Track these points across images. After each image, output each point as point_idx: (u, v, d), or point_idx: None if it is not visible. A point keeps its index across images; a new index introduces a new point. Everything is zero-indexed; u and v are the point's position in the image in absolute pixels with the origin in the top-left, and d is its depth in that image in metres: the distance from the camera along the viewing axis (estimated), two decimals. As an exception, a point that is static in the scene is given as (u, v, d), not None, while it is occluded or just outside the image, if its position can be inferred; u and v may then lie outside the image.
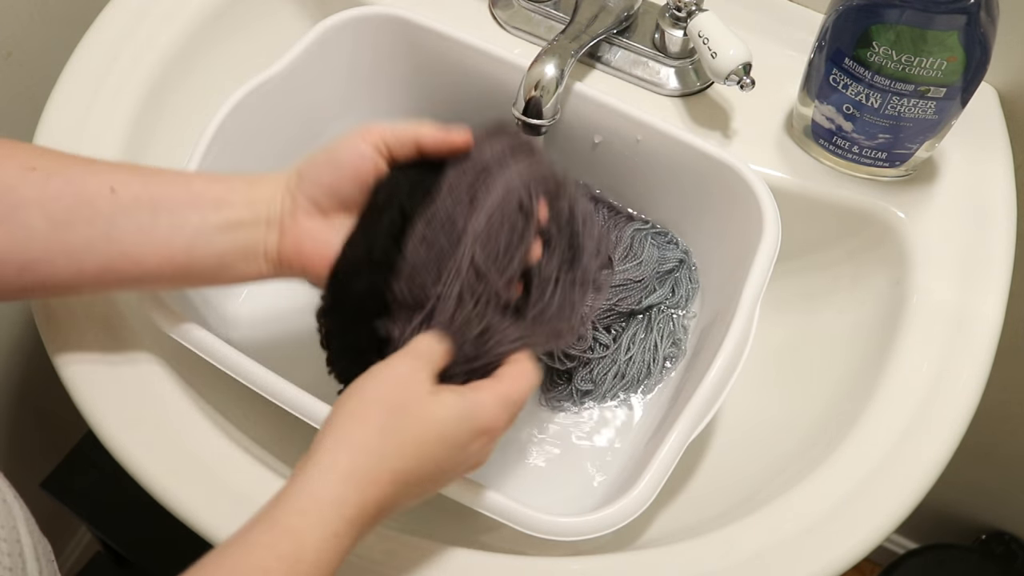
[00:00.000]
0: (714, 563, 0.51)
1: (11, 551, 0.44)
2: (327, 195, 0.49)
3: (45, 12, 0.75)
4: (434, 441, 0.43)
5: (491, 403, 0.45)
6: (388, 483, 0.42)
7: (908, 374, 0.58)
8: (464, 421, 0.44)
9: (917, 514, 0.54)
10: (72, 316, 0.57)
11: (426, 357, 0.45)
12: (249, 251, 0.49)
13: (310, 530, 0.39)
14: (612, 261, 0.59)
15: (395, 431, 0.42)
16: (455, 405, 0.44)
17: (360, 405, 0.43)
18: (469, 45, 0.66)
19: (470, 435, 0.44)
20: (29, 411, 0.95)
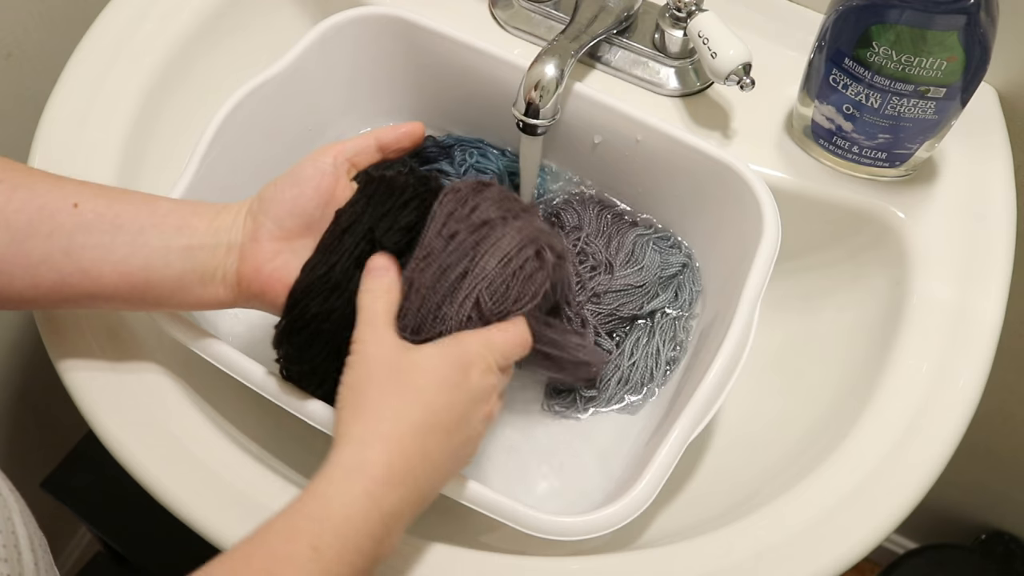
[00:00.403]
0: (714, 563, 0.51)
1: (6, 542, 0.44)
2: (289, 214, 0.49)
3: (45, 12, 0.75)
4: (430, 387, 0.44)
5: (473, 341, 0.46)
6: (408, 436, 0.43)
7: (908, 374, 0.58)
8: (449, 361, 0.45)
9: (917, 514, 0.54)
10: (73, 316, 0.57)
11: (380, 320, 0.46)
12: (207, 274, 0.49)
13: (337, 491, 0.41)
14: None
15: (392, 393, 0.44)
16: (434, 351, 0.46)
17: (352, 393, 0.45)
18: (469, 45, 0.66)
19: (459, 371, 0.45)
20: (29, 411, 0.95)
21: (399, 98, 0.73)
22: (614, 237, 0.66)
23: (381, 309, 0.46)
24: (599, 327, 0.63)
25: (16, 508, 0.46)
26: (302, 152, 0.70)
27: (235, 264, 0.49)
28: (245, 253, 0.49)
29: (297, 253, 0.49)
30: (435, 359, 0.45)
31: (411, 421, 0.43)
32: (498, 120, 0.67)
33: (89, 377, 0.55)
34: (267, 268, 0.48)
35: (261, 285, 0.49)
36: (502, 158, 0.70)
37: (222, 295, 0.50)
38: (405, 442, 0.43)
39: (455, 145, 0.71)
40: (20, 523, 0.46)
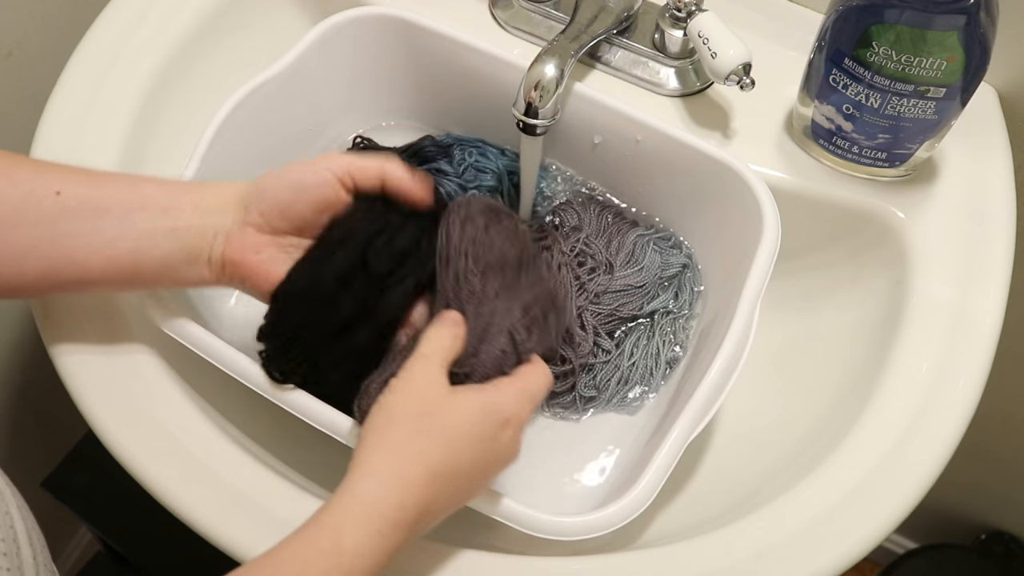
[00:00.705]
0: (714, 563, 0.51)
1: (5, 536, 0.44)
2: (282, 215, 0.50)
3: (45, 12, 0.75)
4: (463, 436, 0.44)
5: (512, 395, 0.47)
6: (426, 482, 0.43)
7: (908, 374, 0.58)
8: (488, 415, 0.45)
9: (917, 514, 0.54)
10: (72, 316, 0.57)
11: (435, 359, 0.46)
12: (193, 256, 0.50)
13: (350, 526, 0.41)
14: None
15: (424, 432, 0.44)
16: (477, 400, 0.46)
17: (386, 417, 0.45)
18: (469, 45, 0.66)
19: (495, 427, 0.45)
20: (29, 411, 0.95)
21: (399, 98, 0.73)
22: (614, 237, 0.66)
23: (439, 348, 0.47)
24: (599, 327, 0.63)
25: (14, 503, 0.46)
26: (302, 152, 0.71)
27: (221, 249, 0.50)
28: (232, 241, 0.50)
29: (284, 249, 0.50)
30: (473, 407, 0.45)
31: (434, 467, 0.43)
32: (498, 120, 0.67)
33: (89, 377, 0.55)
34: (253, 259, 0.49)
35: (244, 274, 0.50)
36: (502, 158, 0.70)
37: (206, 276, 0.50)
38: (424, 488, 0.43)
39: (454, 144, 0.71)
40: (18, 518, 0.46)
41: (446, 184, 0.68)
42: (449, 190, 0.68)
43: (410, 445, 0.43)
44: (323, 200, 0.50)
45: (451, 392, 0.45)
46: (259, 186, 0.50)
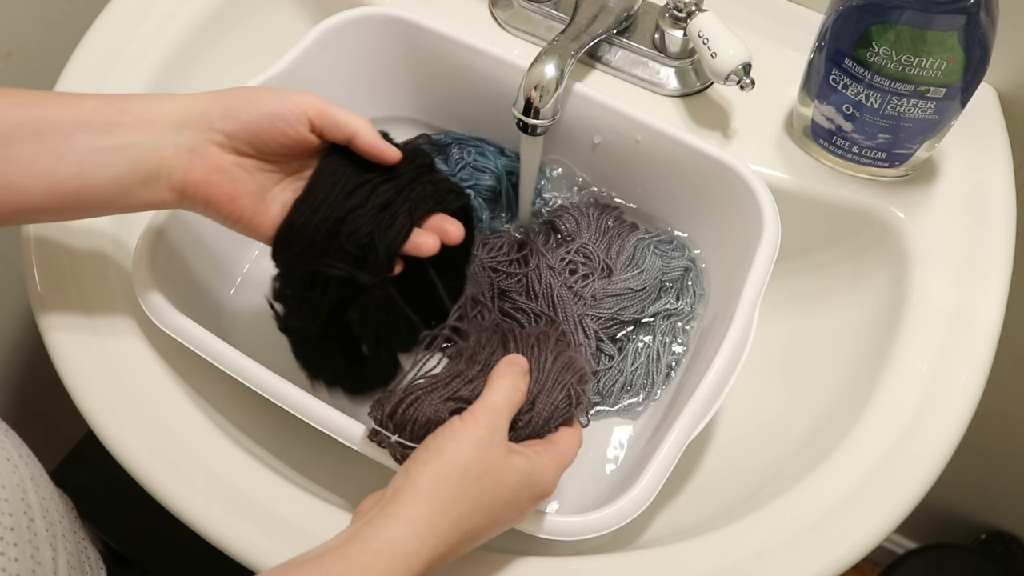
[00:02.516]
0: (714, 563, 0.51)
1: (13, 510, 0.44)
2: (248, 141, 0.49)
3: (45, 12, 0.75)
4: (502, 505, 0.45)
5: (551, 469, 0.47)
6: (456, 541, 0.43)
7: (908, 374, 0.58)
8: (527, 488, 0.46)
9: (917, 514, 0.54)
10: (73, 316, 0.57)
11: (504, 414, 0.46)
12: (150, 176, 0.47)
13: (380, 571, 0.40)
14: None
15: (472, 497, 0.44)
16: (524, 470, 0.46)
17: (442, 467, 0.44)
18: (469, 45, 0.66)
19: (531, 500, 0.46)
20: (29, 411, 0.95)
21: (399, 98, 0.73)
22: (614, 241, 0.66)
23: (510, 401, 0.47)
24: (600, 332, 0.63)
25: (28, 475, 0.46)
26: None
27: (182, 169, 0.48)
28: (194, 160, 0.48)
29: (246, 170, 0.49)
30: (520, 477, 0.45)
31: (470, 531, 0.44)
32: (498, 120, 0.67)
33: (89, 377, 0.55)
34: (215, 179, 0.48)
35: (206, 194, 0.48)
36: (501, 157, 0.70)
37: (166, 197, 0.49)
38: (453, 546, 0.43)
39: (452, 143, 0.70)
40: (32, 489, 0.46)
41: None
42: None
43: (456, 508, 0.43)
44: (292, 136, 0.49)
45: (507, 455, 0.45)
46: (227, 107, 0.48)
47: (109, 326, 0.57)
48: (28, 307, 0.58)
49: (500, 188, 0.69)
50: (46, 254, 0.59)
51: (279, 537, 0.51)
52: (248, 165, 0.49)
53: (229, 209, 0.49)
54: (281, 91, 0.49)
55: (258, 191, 0.50)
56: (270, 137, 0.49)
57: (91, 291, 0.58)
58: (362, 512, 0.45)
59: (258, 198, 0.50)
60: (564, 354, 0.51)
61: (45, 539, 0.46)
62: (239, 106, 0.48)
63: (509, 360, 0.49)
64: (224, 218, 0.50)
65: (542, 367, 0.50)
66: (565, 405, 0.49)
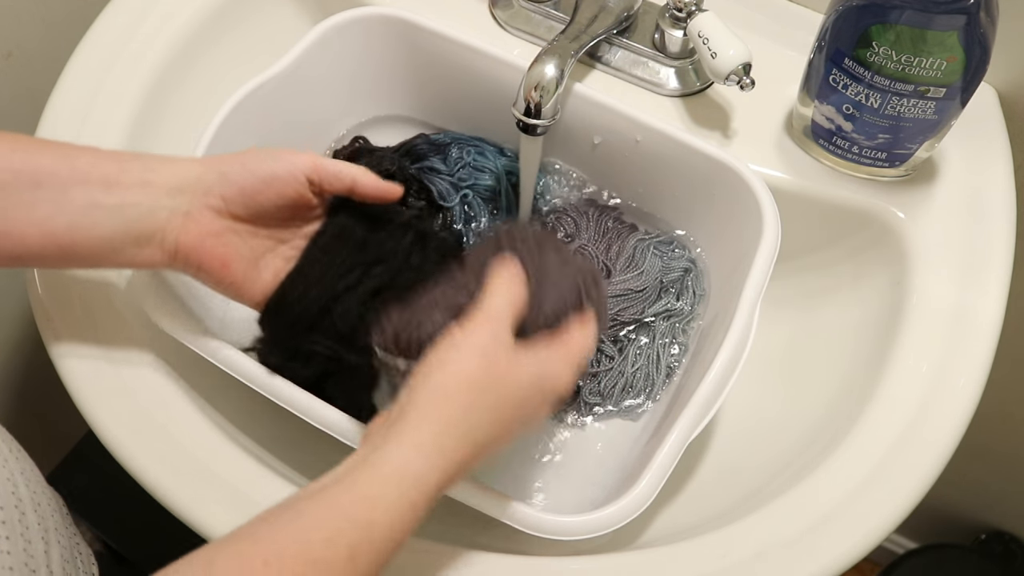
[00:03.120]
0: (714, 563, 0.51)
1: (5, 504, 0.44)
2: (244, 204, 0.49)
3: (45, 12, 0.75)
4: (512, 412, 0.44)
5: (561, 366, 0.46)
6: (466, 457, 0.42)
7: (908, 374, 0.58)
8: (539, 390, 0.45)
9: (917, 514, 0.54)
10: (72, 317, 0.57)
11: (504, 316, 0.45)
12: (143, 237, 0.48)
13: (388, 500, 0.40)
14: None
15: (477, 407, 0.43)
16: (533, 370, 0.44)
17: (444, 381, 0.43)
18: (469, 45, 0.66)
19: (544, 403, 0.45)
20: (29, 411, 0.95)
21: (399, 98, 0.73)
22: (614, 242, 0.66)
23: (508, 306, 0.45)
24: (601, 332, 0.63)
25: (18, 469, 0.46)
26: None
27: (176, 232, 0.48)
28: (189, 225, 0.48)
29: (239, 235, 0.49)
30: (529, 378, 0.44)
31: (477, 439, 0.43)
32: (498, 120, 0.67)
33: (89, 377, 0.55)
34: (208, 244, 0.48)
35: (199, 259, 0.49)
36: (500, 157, 0.70)
37: (158, 258, 0.49)
38: (465, 460, 0.42)
39: (452, 143, 0.70)
40: (23, 484, 0.46)
41: (438, 183, 0.68)
42: (441, 189, 0.68)
43: (463, 422, 0.42)
44: (289, 196, 0.49)
45: (513, 358, 0.44)
46: (223, 171, 0.49)
47: (110, 326, 0.57)
48: (28, 308, 0.58)
49: (500, 188, 0.69)
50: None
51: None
52: (242, 230, 0.50)
53: (221, 274, 0.49)
54: (277, 152, 0.50)
55: (250, 257, 0.50)
56: (266, 199, 0.49)
57: (91, 292, 0.58)
58: (371, 435, 0.44)
59: (250, 264, 0.50)
60: (565, 250, 0.50)
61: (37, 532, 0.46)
62: (235, 170, 0.49)
63: (504, 260, 0.47)
64: (216, 283, 0.50)
65: (544, 263, 0.48)
66: (574, 297, 0.47)
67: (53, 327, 0.56)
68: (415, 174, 0.67)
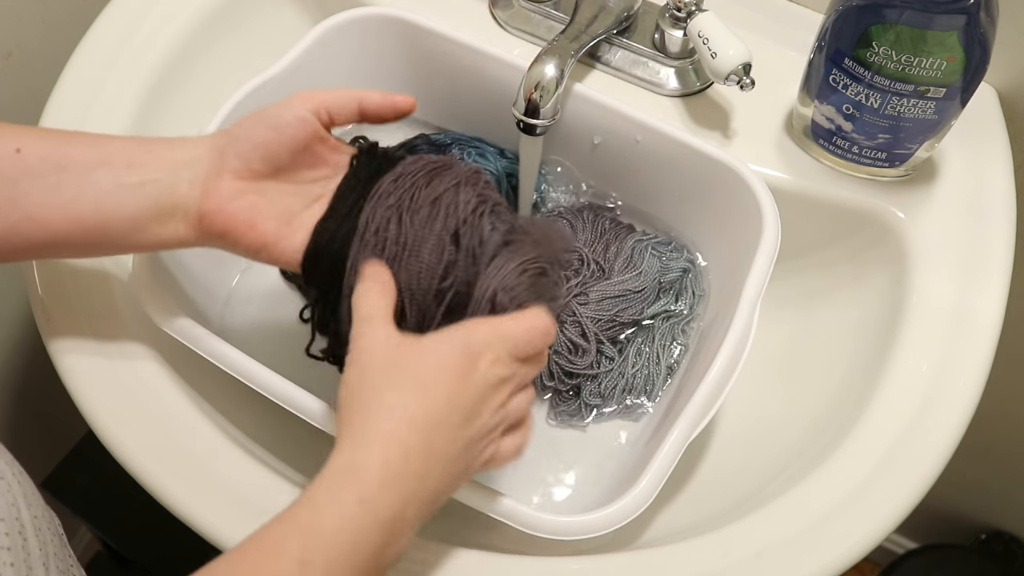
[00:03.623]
0: (714, 563, 0.51)
1: (9, 529, 0.44)
2: (260, 157, 0.47)
3: (45, 12, 0.75)
4: (435, 376, 0.42)
5: (481, 330, 0.44)
6: (409, 432, 0.41)
7: (908, 373, 0.58)
8: (457, 347, 0.43)
9: (917, 514, 0.54)
10: (72, 316, 0.57)
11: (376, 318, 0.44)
12: (164, 211, 0.47)
13: (328, 498, 0.39)
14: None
15: (391, 386, 0.42)
16: (441, 337, 0.43)
17: (349, 389, 0.43)
18: (469, 45, 0.66)
19: (468, 359, 0.42)
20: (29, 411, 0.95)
21: (399, 98, 0.73)
22: (612, 243, 0.66)
23: (375, 306, 0.44)
24: (600, 334, 0.63)
25: (21, 492, 0.46)
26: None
27: (197, 201, 0.47)
28: (208, 190, 0.47)
29: (264, 195, 0.48)
30: (439, 347, 0.43)
31: (412, 415, 0.41)
32: (498, 120, 0.67)
33: (89, 376, 0.55)
34: (230, 207, 0.47)
35: (224, 224, 0.47)
36: (500, 159, 0.70)
37: (183, 233, 0.48)
38: (405, 439, 0.40)
39: (452, 143, 0.70)
40: (25, 507, 0.46)
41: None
42: None
43: (380, 402, 0.41)
44: (302, 139, 0.48)
45: (409, 341, 0.43)
46: (233, 132, 0.48)
47: (110, 326, 0.57)
48: (28, 307, 0.58)
49: (500, 190, 0.69)
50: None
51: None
52: (267, 189, 0.48)
53: (250, 238, 0.47)
54: (280, 102, 0.49)
55: (282, 216, 0.48)
56: (281, 146, 0.48)
57: (92, 292, 0.58)
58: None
59: (282, 223, 0.48)
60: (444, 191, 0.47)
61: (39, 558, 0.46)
62: (243, 130, 0.48)
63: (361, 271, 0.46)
64: (246, 248, 0.48)
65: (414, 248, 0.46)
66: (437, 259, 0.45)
67: (53, 327, 0.56)
68: (415, 174, 0.67)
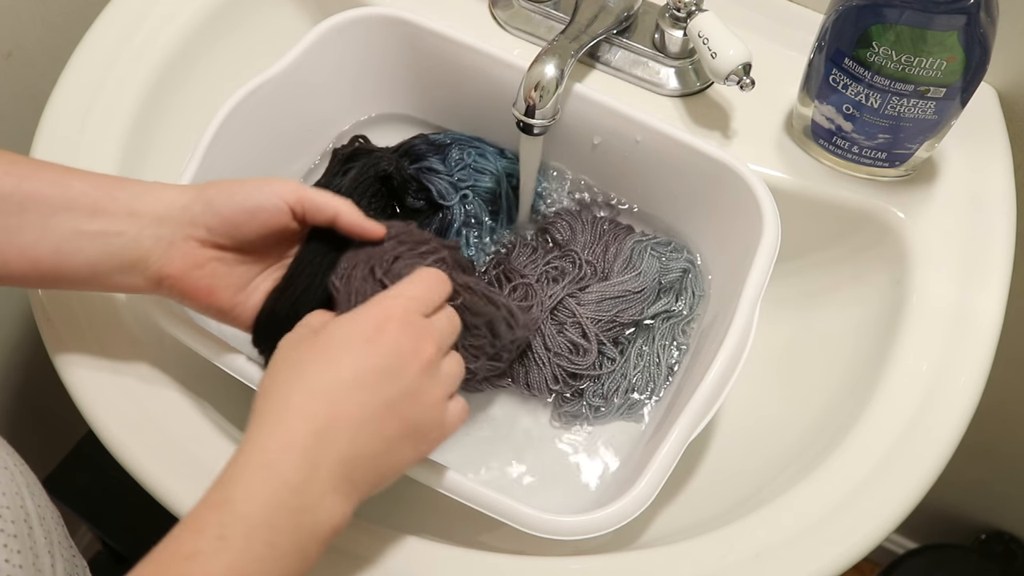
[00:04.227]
0: (714, 563, 0.51)
1: (15, 518, 0.44)
2: (229, 235, 0.49)
3: (45, 12, 0.75)
4: (344, 345, 0.43)
5: (383, 297, 0.46)
6: (306, 401, 0.41)
7: (908, 374, 0.58)
8: (363, 318, 0.44)
9: (917, 514, 0.54)
10: (73, 317, 0.57)
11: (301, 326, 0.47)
12: (126, 264, 0.48)
13: (234, 472, 0.40)
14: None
15: (292, 363, 0.43)
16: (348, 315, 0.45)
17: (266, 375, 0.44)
18: (469, 46, 0.66)
19: (375, 326, 0.44)
20: (29, 411, 0.95)
21: (399, 98, 0.73)
22: (611, 244, 0.66)
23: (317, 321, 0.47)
24: (601, 335, 0.63)
25: (24, 483, 0.46)
26: (302, 152, 0.71)
27: (159, 262, 0.48)
28: (174, 255, 0.48)
29: (226, 263, 0.49)
30: (346, 322, 0.44)
31: (319, 384, 0.42)
32: (498, 120, 0.67)
33: (89, 376, 0.55)
34: (195, 275, 0.48)
35: (185, 289, 0.49)
36: (500, 159, 0.70)
37: (141, 286, 0.49)
38: (303, 406, 0.41)
39: (452, 144, 0.70)
40: (29, 497, 0.46)
41: (437, 182, 0.68)
42: (440, 188, 0.68)
43: (282, 380, 0.42)
44: (273, 227, 0.49)
45: (315, 328, 0.45)
46: (208, 201, 0.48)
47: (110, 326, 0.57)
48: (28, 307, 0.58)
49: (500, 191, 0.69)
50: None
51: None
52: (228, 258, 0.49)
53: (207, 302, 0.49)
54: (261, 182, 0.49)
55: (238, 284, 0.50)
56: (251, 230, 0.49)
57: (93, 293, 0.58)
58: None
59: (237, 290, 0.50)
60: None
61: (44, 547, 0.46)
62: (220, 200, 0.48)
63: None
64: (203, 309, 0.50)
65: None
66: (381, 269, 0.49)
67: (53, 327, 0.56)
68: (413, 174, 0.67)
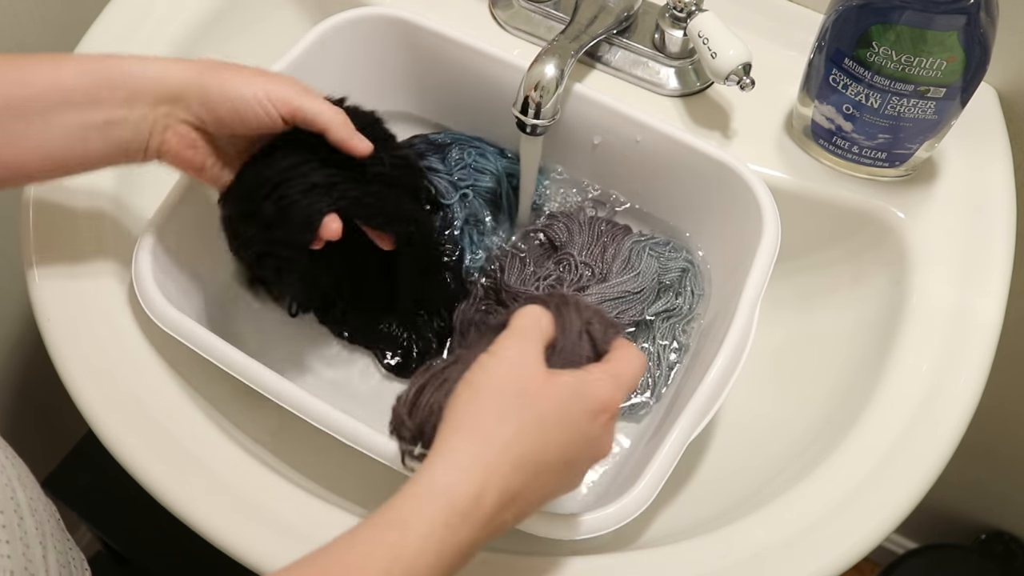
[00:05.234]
0: (714, 563, 0.51)
1: (4, 508, 0.44)
2: (217, 129, 0.52)
3: (45, 12, 0.75)
4: (554, 422, 0.41)
5: (604, 380, 0.43)
6: (510, 471, 0.39)
7: (908, 374, 0.58)
8: (580, 400, 0.42)
9: (917, 514, 0.54)
10: (73, 316, 0.57)
11: (533, 336, 0.44)
12: (131, 150, 0.52)
13: (417, 518, 0.38)
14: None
15: (514, 417, 0.40)
16: (571, 383, 0.42)
17: (476, 395, 0.41)
18: (469, 46, 0.66)
19: (588, 414, 0.42)
20: (29, 410, 0.95)
21: (399, 98, 0.73)
22: (609, 245, 0.66)
23: (536, 326, 0.44)
24: None
25: (15, 474, 0.46)
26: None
27: (157, 144, 0.52)
28: (169, 136, 0.52)
29: (216, 143, 0.54)
30: (567, 390, 0.42)
31: (523, 454, 0.40)
32: (498, 120, 0.67)
33: (89, 376, 0.55)
34: (187, 153, 0.53)
35: (176, 163, 0.53)
36: (501, 159, 0.70)
37: (139, 160, 0.53)
38: (509, 478, 0.39)
39: (452, 143, 0.70)
40: (19, 488, 0.46)
41: (436, 181, 0.68)
42: (439, 187, 0.68)
43: (498, 429, 0.40)
44: (262, 128, 0.52)
45: (546, 375, 0.42)
46: (203, 90, 0.51)
47: (110, 326, 0.57)
48: (28, 308, 0.58)
49: (500, 191, 0.69)
50: (45, 251, 0.59)
51: (279, 537, 0.51)
52: (217, 139, 0.54)
53: (197, 174, 0.54)
54: (258, 80, 0.52)
55: (224, 159, 0.55)
56: (240, 129, 0.52)
57: (92, 292, 0.58)
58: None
59: (225, 164, 0.55)
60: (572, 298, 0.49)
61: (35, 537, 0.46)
62: (214, 98, 0.51)
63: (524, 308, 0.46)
64: (193, 175, 0.55)
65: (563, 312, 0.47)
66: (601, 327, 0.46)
67: (53, 327, 0.56)
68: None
